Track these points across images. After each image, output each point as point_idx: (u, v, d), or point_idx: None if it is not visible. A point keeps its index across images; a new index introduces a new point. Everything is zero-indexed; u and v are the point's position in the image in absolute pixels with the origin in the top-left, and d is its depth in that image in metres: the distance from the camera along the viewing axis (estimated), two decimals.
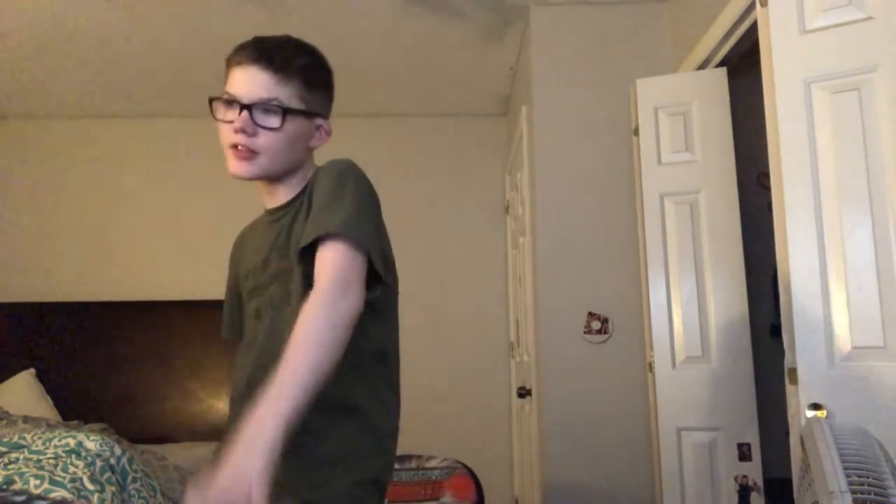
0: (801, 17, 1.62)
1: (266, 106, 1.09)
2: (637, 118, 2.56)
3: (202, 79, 3.56)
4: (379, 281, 1.06)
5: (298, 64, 1.12)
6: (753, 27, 2.03)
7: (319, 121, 1.19)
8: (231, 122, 1.09)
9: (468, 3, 2.89)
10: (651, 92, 2.53)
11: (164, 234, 4.00)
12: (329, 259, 0.99)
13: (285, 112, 1.10)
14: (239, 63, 1.11)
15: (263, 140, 1.10)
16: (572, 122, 2.81)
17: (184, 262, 3.97)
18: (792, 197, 1.59)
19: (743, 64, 2.45)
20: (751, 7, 2.01)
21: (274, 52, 1.10)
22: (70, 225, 3.98)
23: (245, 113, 1.08)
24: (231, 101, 1.10)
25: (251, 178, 1.14)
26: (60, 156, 4.04)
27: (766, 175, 1.81)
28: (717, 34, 2.30)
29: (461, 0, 2.87)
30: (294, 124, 1.12)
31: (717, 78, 2.45)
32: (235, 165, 1.12)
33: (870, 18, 1.52)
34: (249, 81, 1.09)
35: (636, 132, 2.59)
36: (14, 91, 3.68)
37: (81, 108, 3.95)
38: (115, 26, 2.99)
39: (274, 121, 1.10)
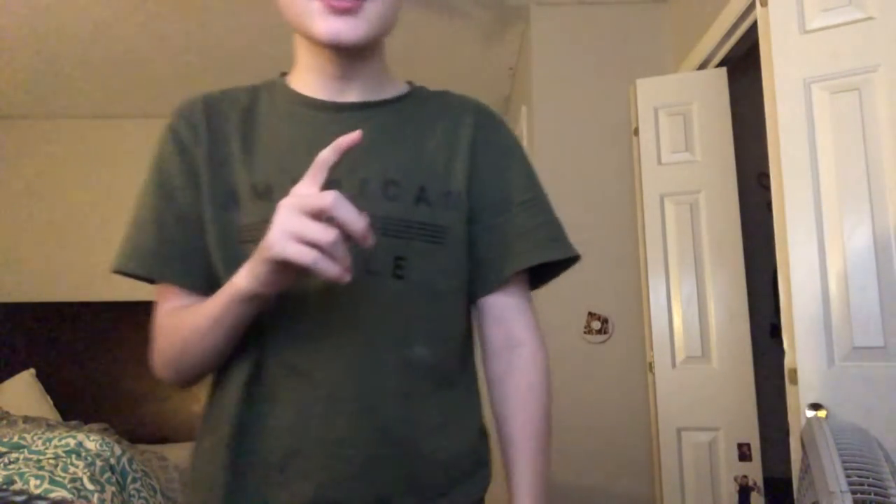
0: (801, 17, 1.62)
1: None
2: (637, 118, 2.56)
3: (202, 79, 3.56)
4: None
5: None
6: (753, 27, 2.03)
7: None
8: None
9: (468, 3, 2.89)
10: (651, 92, 2.53)
11: None
12: (530, 306, 0.81)
13: None
14: None
15: None
16: (572, 122, 2.81)
17: None
18: (792, 197, 1.59)
19: (743, 64, 2.45)
20: (751, 7, 2.01)
21: None
22: (70, 225, 3.98)
23: None
24: None
25: (357, 44, 0.73)
26: (61, 156, 4.04)
27: (766, 175, 1.81)
28: (717, 34, 2.30)
29: (461, 0, 2.87)
30: None
31: (717, 78, 2.45)
32: (335, 25, 0.70)
33: (870, 18, 1.52)
34: None
35: (636, 132, 2.59)
36: (14, 91, 3.68)
37: (81, 108, 3.95)
38: (114, 26, 2.99)
39: None
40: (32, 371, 3.56)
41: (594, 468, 2.59)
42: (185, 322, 0.74)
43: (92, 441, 1.88)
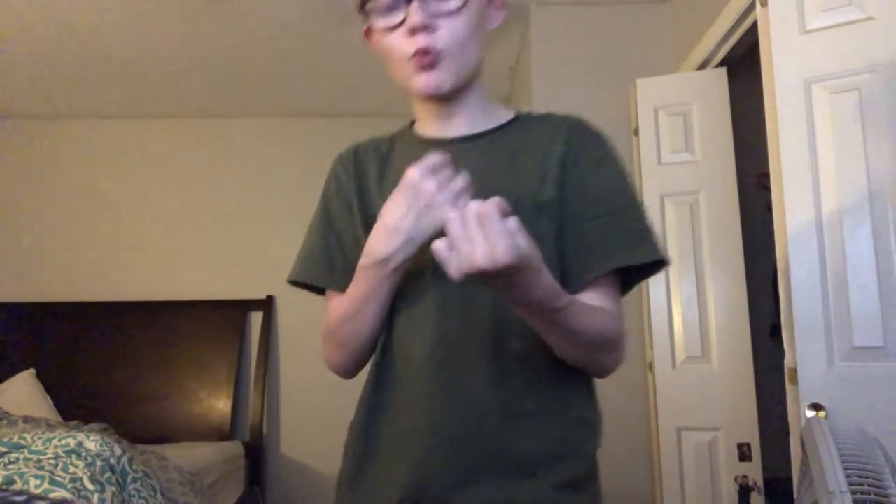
0: (801, 17, 1.62)
1: None
2: (637, 118, 2.56)
3: (202, 79, 3.56)
4: None
5: None
6: (753, 27, 2.03)
7: None
8: (400, 23, 0.85)
9: None
10: (651, 92, 2.53)
11: (164, 234, 4.00)
12: (616, 306, 0.87)
13: None
14: None
15: (446, 33, 0.84)
16: None
17: (183, 263, 3.97)
18: (792, 197, 1.59)
19: (743, 64, 2.45)
20: (751, 7, 2.01)
21: None
22: (70, 225, 3.98)
23: (416, 3, 0.83)
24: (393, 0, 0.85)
25: (448, 93, 0.88)
26: (61, 156, 4.04)
27: (766, 175, 1.81)
28: (717, 34, 2.30)
29: None
30: (474, 2, 0.87)
31: (717, 78, 2.45)
32: (425, 80, 0.86)
33: (870, 18, 1.52)
34: None
35: (636, 132, 2.59)
36: (14, 91, 3.68)
37: (82, 109, 3.95)
38: (114, 26, 2.99)
39: (453, 1, 0.84)
40: (32, 371, 3.56)
41: None
42: (347, 297, 0.89)
43: (92, 441, 1.88)
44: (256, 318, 3.91)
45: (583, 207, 0.87)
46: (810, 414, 1.47)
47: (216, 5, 2.84)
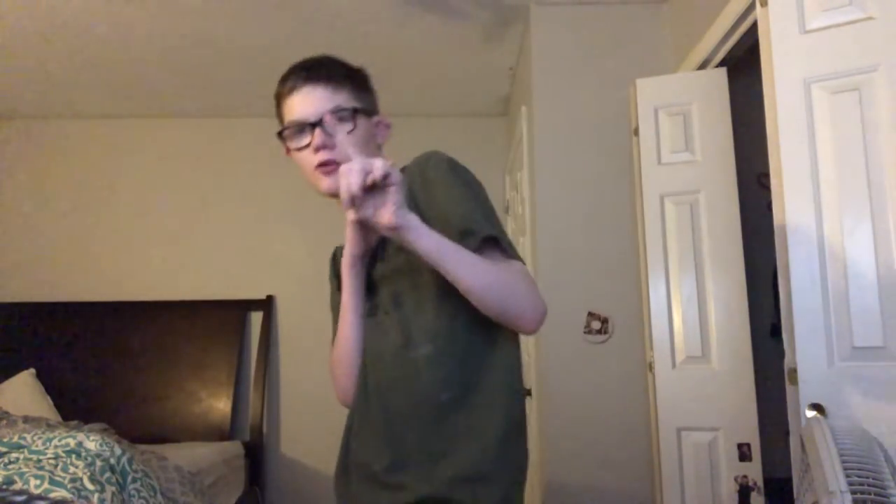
0: (801, 17, 1.62)
1: (334, 116, 1.15)
2: (637, 118, 2.56)
3: (203, 79, 3.56)
4: None
5: (342, 72, 1.21)
6: (753, 27, 2.03)
7: (377, 117, 1.25)
8: (307, 145, 1.15)
9: (468, 3, 2.89)
10: (651, 92, 2.53)
11: (164, 234, 4.00)
12: (504, 260, 1.08)
13: (353, 112, 1.16)
14: (292, 89, 1.18)
15: (342, 149, 1.13)
16: (572, 122, 2.81)
17: (183, 263, 3.97)
18: (792, 197, 1.59)
19: (743, 64, 2.45)
20: (751, 7, 2.01)
21: (319, 69, 1.19)
22: (70, 225, 3.98)
23: (318, 129, 1.14)
24: (301, 127, 1.16)
25: None
26: (61, 156, 4.05)
27: (766, 175, 1.81)
28: (717, 34, 2.30)
29: (461, 0, 2.87)
30: (362, 124, 1.18)
31: (717, 78, 2.45)
32: (327, 183, 1.14)
33: (870, 18, 1.52)
34: (309, 101, 1.16)
35: (636, 132, 2.59)
36: (15, 91, 3.68)
37: (82, 109, 3.95)
38: (115, 26, 2.99)
39: (345, 126, 1.15)
40: (32, 371, 3.56)
41: (594, 468, 2.59)
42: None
43: (92, 441, 1.88)
44: (256, 318, 3.91)
45: (437, 226, 1.06)
46: (810, 414, 1.47)
47: (217, 6, 2.84)
